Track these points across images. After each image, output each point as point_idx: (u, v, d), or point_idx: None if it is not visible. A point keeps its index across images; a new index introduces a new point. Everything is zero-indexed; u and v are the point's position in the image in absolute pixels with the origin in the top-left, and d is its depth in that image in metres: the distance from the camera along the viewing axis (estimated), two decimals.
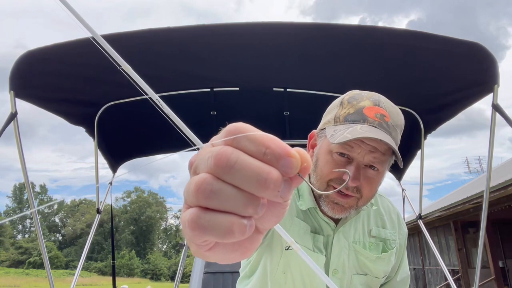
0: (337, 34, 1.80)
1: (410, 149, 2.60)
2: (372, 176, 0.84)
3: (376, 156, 0.82)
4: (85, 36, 1.32)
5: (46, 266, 2.04)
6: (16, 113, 1.79)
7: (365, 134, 0.77)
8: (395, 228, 1.04)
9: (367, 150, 0.81)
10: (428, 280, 12.65)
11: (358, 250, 0.96)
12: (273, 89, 2.26)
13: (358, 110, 0.84)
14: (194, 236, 0.26)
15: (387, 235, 1.01)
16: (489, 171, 1.85)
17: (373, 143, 0.81)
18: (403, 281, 1.09)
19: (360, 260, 0.96)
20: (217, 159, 0.25)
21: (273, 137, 0.26)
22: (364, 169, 0.83)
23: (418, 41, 1.75)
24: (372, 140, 0.80)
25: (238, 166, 0.25)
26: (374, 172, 0.84)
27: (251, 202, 0.25)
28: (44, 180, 79.18)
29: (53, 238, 52.78)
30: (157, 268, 45.15)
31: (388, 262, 1.00)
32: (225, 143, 0.26)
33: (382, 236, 1.00)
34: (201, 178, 0.25)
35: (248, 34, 1.82)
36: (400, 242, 1.05)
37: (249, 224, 0.25)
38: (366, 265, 0.96)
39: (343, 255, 0.94)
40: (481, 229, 1.86)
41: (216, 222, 0.25)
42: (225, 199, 0.25)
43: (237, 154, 0.25)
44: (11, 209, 53.30)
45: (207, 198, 0.25)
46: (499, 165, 11.64)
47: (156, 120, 2.65)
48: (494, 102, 1.75)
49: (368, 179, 0.84)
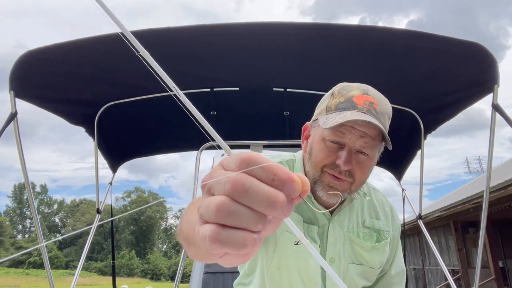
0: (337, 34, 1.80)
1: (410, 149, 2.60)
2: (363, 161, 0.89)
3: (367, 141, 0.86)
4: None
5: (46, 266, 2.04)
6: (16, 113, 1.79)
7: (355, 117, 0.82)
8: (388, 220, 1.08)
9: (357, 136, 0.86)
10: (428, 280, 12.65)
11: (353, 240, 0.99)
12: (273, 89, 2.26)
13: (348, 99, 0.89)
14: (212, 249, 0.31)
15: (381, 226, 1.04)
16: (489, 171, 1.85)
17: (363, 129, 0.86)
18: (398, 275, 1.10)
19: (355, 249, 0.99)
20: (234, 184, 0.30)
21: (279, 166, 0.31)
22: (355, 154, 0.88)
23: (418, 41, 1.75)
24: (362, 125, 0.85)
25: (252, 191, 0.30)
26: (365, 157, 0.89)
27: (261, 219, 0.31)
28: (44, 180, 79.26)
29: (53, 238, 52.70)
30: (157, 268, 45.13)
31: (383, 252, 1.02)
32: (239, 169, 0.31)
33: (376, 227, 1.03)
34: (220, 200, 0.30)
35: (248, 34, 1.82)
36: (393, 234, 1.07)
37: (259, 237, 0.31)
38: (361, 255, 0.99)
39: (338, 244, 0.97)
40: (481, 229, 1.86)
41: (232, 237, 0.30)
42: (240, 218, 0.30)
43: (251, 180, 0.30)
44: (11, 209, 53.36)
45: (225, 217, 0.30)
46: (499, 165, 11.64)
47: (156, 120, 2.65)
48: (494, 102, 1.75)
49: (360, 164, 0.88)
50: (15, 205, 53.03)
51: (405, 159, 2.70)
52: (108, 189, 2.79)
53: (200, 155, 2.43)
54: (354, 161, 0.86)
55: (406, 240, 14.69)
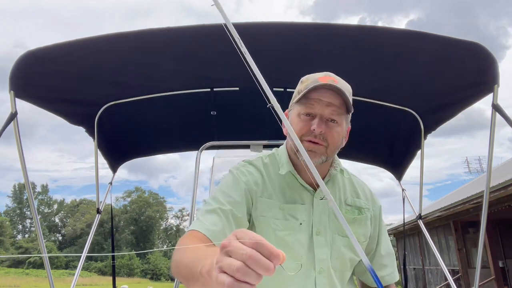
0: (337, 34, 1.80)
1: (410, 149, 2.60)
2: (333, 127, 1.06)
3: (333, 109, 1.05)
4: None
5: (46, 266, 2.04)
6: (16, 113, 1.79)
7: (318, 83, 1.03)
8: (368, 200, 1.22)
9: (324, 105, 1.05)
10: (428, 280, 12.65)
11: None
12: (273, 89, 2.26)
13: (313, 80, 1.08)
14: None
15: (361, 204, 1.18)
16: (489, 171, 1.85)
17: (328, 99, 1.05)
18: (389, 255, 1.24)
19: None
20: (249, 257, 0.50)
21: (272, 246, 0.51)
22: (326, 122, 1.06)
23: (418, 41, 1.75)
24: (327, 97, 1.05)
25: (259, 262, 0.50)
26: (334, 124, 1.06)
27: (259, 277, 0.51)
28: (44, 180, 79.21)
29: (53, 238, 52.77)
30: (157, 268, 45.11)
31: (365, 226, 1.16)
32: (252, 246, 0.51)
33: (357, 204, 1.18)
34: (240, 265, 0.50)
35: (248, 34, 1.82)
36: (374, 214, 1.21)
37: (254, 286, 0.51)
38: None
39: (323, 216, 1.11)
40: (481, 229, 1.86)
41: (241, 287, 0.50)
42: (248, 277, 0.50)
43: (259, 256, 0.50)
44: (11, 209, 53.36)
45: (240, 276, 0.50)
46: (499, 165, 11.65)
47: (156, 120, 2.65)
48: (494, 102, 1.75)
49: (330, 129, 1.06)
50: (15, 205, 53.02)
51: (405, 159, 2.70)
52: (108, 189, 2.79)
53: (200, 155, 2.43)
54: (325, 126, 1.05)
55: (406, 240, 14.69)
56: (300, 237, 1.06)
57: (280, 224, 1.06)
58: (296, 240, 1.06)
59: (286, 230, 1.06)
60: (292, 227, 1.07)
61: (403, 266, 3.09)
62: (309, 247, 1.07)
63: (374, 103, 2.33)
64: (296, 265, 1.05)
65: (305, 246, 1.07)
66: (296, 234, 1.06)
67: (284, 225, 1.06)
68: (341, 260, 1.10)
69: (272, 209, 1.07)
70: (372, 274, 0.78)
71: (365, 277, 1.25)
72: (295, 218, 1.08)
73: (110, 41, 1.75)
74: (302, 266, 1.06)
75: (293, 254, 1.06)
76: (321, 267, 1.07)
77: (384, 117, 2.45)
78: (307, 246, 1.07)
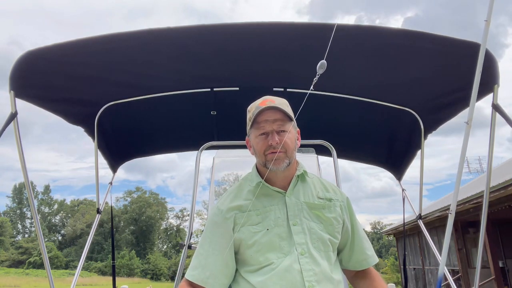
0: (337, 34, 1.79)
1: (410, 149, 2.60)
2: (285, 135, 1.31)
3: (279, 123, 1.31)
4: None
5: (46, 266, 2.04)
6: (16, 113, 1.79)
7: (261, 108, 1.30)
8: (336, 193, 1.44)
9: (271, 122, 1.31)
10: (428, 280, 12.65)
11: (309, 205, 1.34)
12: (273, 89, 2.26)
13: (256, 107, 1.34)
14: None
15: (331, 196, 1.42)
16: (489, 171, 1.85)
17: (272, 117, 1.31)
18: (365, 238, 1.47)
19: (313, 212, 1.33)
20: None
21: None
22: (278, 133, 1.31)
23: (418, 41, 1.75)
24: (271, 115, 1.31)
25: None
26: (284, 133, 1.31)
27: None
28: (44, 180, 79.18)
29: (53, 238, 52.75)
30: (157, 268, 45.08)
31: (334, 211, 1.37)
32: None
33: (327, 196, 1.41)
34: None
35: (248, 34, 1.82)
36: (344, 204, 1.42)
37: None
38: (317, 215, 1.34)
39: (296, 210, 1.32)
40: (481, 229, 1.86)
41: None
42: None
43: None
44: (11, 209, 53.36)
45: None
46: (499, 165, 11.64)
47: (156, 120, 2.65)
48: (494, 102, 1.75)
49: (283, 138, 1.30)
50: (15, 205, 53.02)
51: (405, 159, 2.70)
52: (108, 189, 2.79)
53: (200, 155, 2.43)
54: (279, 137, 1.29)
55: (406, 240, 14.70)
56: (279, 230, 1.28)
57: (258, 227, 1.29)
58: (275, 234, 1.28)
59: (264, 229, 1.28)
60: (269, 224, 1.29)
61: (403, 266, 3.09)
62: (289, 236, 1.28)
63: (374, 103, 2.33)
64: (281, 253, 1.26)
65: (285, 237, 1.28)
66: (273, 230, 1.28)
67: (262, 226, 1.29)
68: (321, 241, 1.30)
69: (251, 218, 1.31)
70: None
71: (351, 264, 1.44)
72: (270, 218, 1.31)
73: (110, 41, 1.76)
74: (286, 251, 1.27)
75: (275, 246, 1.27)
76: (302, 249, 1.26)
77: (384, 117, 2.45)
78: (286, 236, 1.28)
